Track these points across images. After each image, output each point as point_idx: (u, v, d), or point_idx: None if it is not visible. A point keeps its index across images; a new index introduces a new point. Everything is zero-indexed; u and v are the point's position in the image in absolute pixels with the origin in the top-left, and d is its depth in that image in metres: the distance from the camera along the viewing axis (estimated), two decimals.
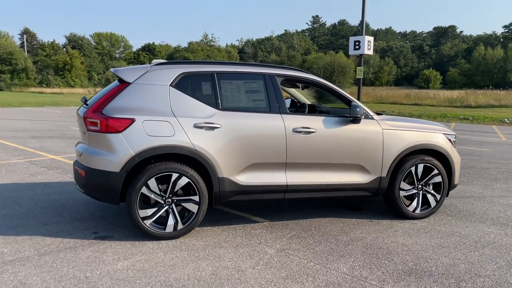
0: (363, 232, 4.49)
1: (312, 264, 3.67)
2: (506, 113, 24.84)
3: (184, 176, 4.09)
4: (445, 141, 5.00)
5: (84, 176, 4.07)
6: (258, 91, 4.54)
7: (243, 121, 4.29)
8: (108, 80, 56.75)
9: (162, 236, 4.11)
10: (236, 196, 4.34)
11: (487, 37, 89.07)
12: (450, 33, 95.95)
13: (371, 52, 14.56)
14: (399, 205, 4.83)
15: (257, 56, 76.46)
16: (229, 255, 3.82)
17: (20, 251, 3.81)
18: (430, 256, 3.88)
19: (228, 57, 71.69)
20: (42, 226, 4.46)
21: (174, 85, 4.22)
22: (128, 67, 4.55)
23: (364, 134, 4.65)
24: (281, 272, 3.49)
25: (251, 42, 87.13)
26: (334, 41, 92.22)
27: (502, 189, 6.54)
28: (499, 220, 4.97)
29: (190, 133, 4.09)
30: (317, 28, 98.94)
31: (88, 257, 3.70)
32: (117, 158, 3.93)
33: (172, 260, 3.69)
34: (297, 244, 4.13)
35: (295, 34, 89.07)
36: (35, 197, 5.57)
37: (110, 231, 4.35)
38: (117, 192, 4.00)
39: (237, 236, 4.31)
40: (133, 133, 3.96)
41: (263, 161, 4.35)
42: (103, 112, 4.00)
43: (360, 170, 4.68)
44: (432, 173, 4.91)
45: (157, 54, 79.55)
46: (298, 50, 78.34)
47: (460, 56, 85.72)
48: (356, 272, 3.53)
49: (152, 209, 4.08)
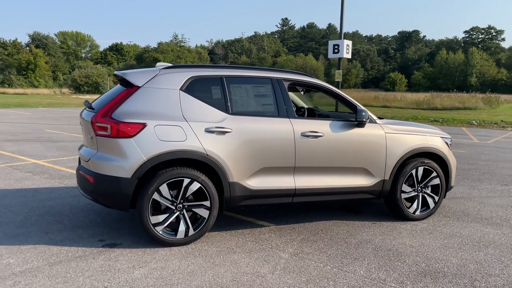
0: (369, 234, 4.57)
1: (329, 267, 3.70)
2: (471, 115, 25.86)
3: (196, 181, 4.04)
4: (442, 144, 5.16)
5: (93, 182, 3.95)
6: (266, 95, 4.54)
7: (253, 125, 4.28)
8: (75, 80, 55.33)
9: (173, 243, 4.05)
10: (246, 200, 4.33)
11: (449, 41, 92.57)
12: (414, 37, 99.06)
13: (349, 56, 14.82)
14: (401, 207, 4.95)
15: (228, 57, 76.44)
16: (244, 261, 3.80)
17: (28, 261, 3.65)
18: (439, 257, 4.00)
19: (199, 58, 71.26)
20: (44, 235, 4.30)
21: (184, 89, 4.17)
22: (134, 70, 4.46)
23: (369, 138, 4.73)
24: (301, 277, 3.50)
25: (221, 43, 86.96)
26: (303, 43, 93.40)
27: (488, 190, 6.80)
28: (493, 220, 5.17)
29: (201, 137, 4.05)
30: (287, 31, 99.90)
31: (101, 266, 3.59)
32: (129, 164, 3.84)
33: (189, 267, 3.64)
34: (309, 247, 4.16)
35: (265, 36, 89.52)
36: (27, 203, 5.36)
37: (117, 238, 4.24)
38: (128, 199, 3.91)
39: (248, 241, 4.30)
40: (145, 138, 3.88)
41: (272, 165, 4.35)
42: (113, 116, 3.90)
43: (364, 174, 4.76)
44: (431, 175, 5.06)
45: (125, 54, 78.21)
46: (268, 52, 78.81)
47: (424, 60, 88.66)
48: (373, 274, 3.59)
49: (164, 215, 4.01)
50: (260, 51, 78.55)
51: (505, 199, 6.27)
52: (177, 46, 73.57)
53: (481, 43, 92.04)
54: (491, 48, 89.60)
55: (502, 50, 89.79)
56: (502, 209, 5.68)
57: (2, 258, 3.70)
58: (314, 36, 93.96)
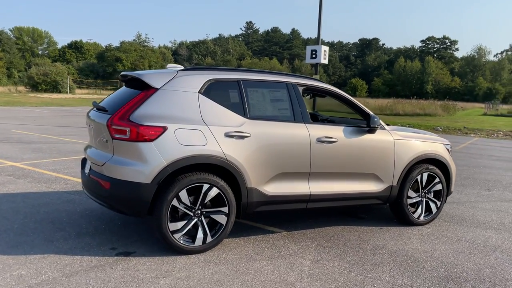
0: (381, 240, 4.61)
1: (354, 274, 3.70)
2: (432, 121, 26.87)
3: (215, 187, 3.93)
4: (444, 150, 5.30)
5: (109, 188, 3.76)
6: (282, 99, 4.50)
7: (271, 130, 4.23)
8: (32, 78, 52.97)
9: (191, 250, 3.92)
10: (262, 206, 4.26)
11: (406, 50, 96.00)
12: (374, 45, 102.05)
13: (326, 61, 15.04)
14: (406, 212, 5.03)
15: (192, 58, 75.71)
16: (268, 268, 3.73)
17: (41, 272, 3.42)
18: (454, 261, 4.08)
19: (163, 58, 70.18)
20: (50, 243, 4.04)
21: (202, 92, 4.05)
22: (150, 71, 4.29)
23: (379, 144, 4.79)
24: (329, 284, 3.47)
25: (185, 44, 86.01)
26: (267, 47, 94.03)
27: (474, 195, 7.05)
28: (490, 224, 5.36)
29: (221, 142, 3.95)
30: (251, 34, 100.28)
31: (122, 276, 3.42)
32: (149, 169, 3.68)
33: (214, 275, 3.53)
34: (327, 254, 4.14)
35: (230, 39, 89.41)
36: (19, 209, 5.04)
37: (129, 246, 4.06)
38: (146, 205, 3.75)
39: (264, 247, 4.23)
40: (166, 142, 3.74)
41: (289, 170, 4.31)
42: (131, 119, 3.73)
43: (374, 179, 4.80)
44: (434, 181, 5.18)
45: (85, 52, 75.81)
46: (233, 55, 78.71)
47: (383, 67, 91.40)
48: (398, 280, 3.61)
49: (182, 222, 3.88)
50: (225, 54, 78.34)
51: (492, 203, 6.52)
52: (140, 46, 72.11)
53: (436, 52, 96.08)
54: (446, 58, 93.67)
55: (455, 59, 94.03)
56: (494, 213, 5.90)
57: (11, 269, 3.44)
58: (278, 41, 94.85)
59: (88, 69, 67.63)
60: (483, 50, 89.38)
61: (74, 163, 8.01)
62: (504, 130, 21.17)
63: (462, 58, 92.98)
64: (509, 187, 7.88)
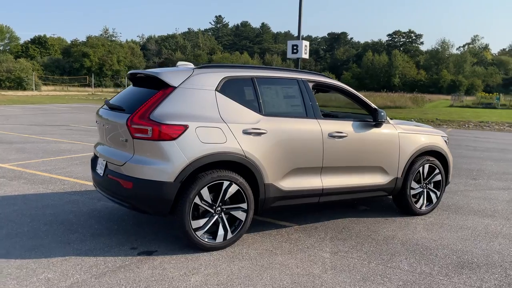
0: (389, 230, 4.77)
1: (374, 264, 3.83)
2: (403, 113, 27.59)
3: (234, 183, 3.97)
4: (443, 142, 5.52)
5: (131, 187, 3.73)
6: (294, 96, 4.57)
7: (286, 126, 4.29)
8: None
9: (213, 247, 3.95)
10: (277, 202, 4.33)
11: (374, 44, 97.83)
12: (342, 39, 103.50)
13: (307, 56, 15.20)
14: (410, 202, 5.22)
15: (161, 53, 74.55)
16: (291, 262, 3.81)
17: (68, 275, 3.38)
18: (462, 248, 4.28)
19: (132, 53, 68.76)
20: (67, 245, 3.98)
21: (219, 89, 4.07)
22: (166, 69, 4.26)
23: (385, 138, 4.94)
24: (354, 275, 3.58)
25: (154, 38, 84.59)
26: (237, 42, 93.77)
27: (462, 184, 7.36)
28: (485, 212, 5.63)
29: (240, 139, 3.98)
30: (221, 28, 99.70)
31: (152, 275, 3.42)
32: (172, 167, 3.68)
33: (241, 271, 3.58)
34: (343, 246, 4.26)
35: (199, 33, 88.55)
36: (24, 212, 4.91)
37: (148, 245, 4.05)
38: (169, 204, 3.75)
39: (281, 242, 4.30)
40: (188, 140, 3.74)
41: (303, 165, 4.39)
42: (152, 118, 3.71)
43: (380, 172, 4.96)
44: (434, 172, 5.39)
45: (50, 48, 73.33)
46: (203, 49, 78.06)
47: (352, 61, 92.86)
48: (417, 269, 3.76)
49: (204, 220, 3.90)
50: (195, 48, 77.59)
51: (482, 192, 6.83)
52: (108, 41, 70.35)
53: (402, 46, 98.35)
54: (411, 51, 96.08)
55: (421, 53, 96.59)
56: (486, 201, 6.19)
57: (36, 273, 3.38)
58: (248, 35, 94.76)
59: (53, 65, 65.45)
60: (446, 43, 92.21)
61: (65, 163, 7.83)
62: (474, 121, 22.01)
63: (427, 52, 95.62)
64: (492, 176, 8.25)
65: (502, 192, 6.84)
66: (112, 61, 64.81)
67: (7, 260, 3.61)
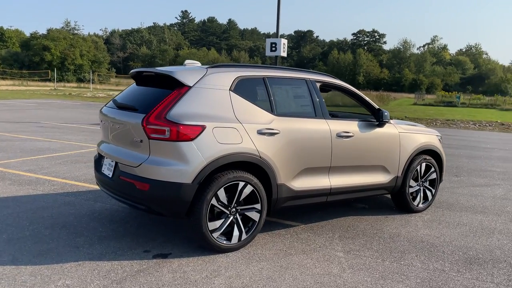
0: (392, 228, 4.88)
1: (388, 262, 3.90)
2: None
3: (249, 184, 3.95)
4: (438, 141, 5.69)
5: (149, 189, 3.63)
6: (303, 96, 4.58)
7: (297, 126, 4.30)
8: None
9: (229, 248, 3.91)
10: (288, 202, 4.34)
11: (339, 42, 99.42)
12: (308, 37, 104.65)
13: (285, 54, 15.26)
14: (408, 200, 5.36)
15: (126, 48, 72.81)
16: (308, 262, 3.83)
17: (86, 281, 3.26)
18: (465, 245, 4.44)
19: (95, 47, 66.74)
20: (76, 250, 3.83)
21: (233, 89, 4.02)
22: (179, 68, 4.16)
23: (388, 137, 5.04)
24: (373, 274, 3.65)
25: (118, 33, 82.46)
26: (204, 37, 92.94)
27: (447, 181, 7.59)
28: (476, 208, 5.86)
29: (255, 139, 3.96)
30: (187, 23, 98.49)
31: (174, 279, 3.35)
32: (190, 168, 3.61)
33: (262, 272, 3.56)
34: (353, 244, 4.32)
35: (165, 28, 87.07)
36: (20, 215, 4.69)
37: (161, 248, 3.96)
38: (187, 205, 3.68)
39: (293, 241, 4.32)
40: (205, 140, 3.68)
41: (313, 165, 4.42)
42: (168, 118, 3.62)
43: (383, 171, 5.06)
44: (430, 170, 5.55)
45: (7, 40, 70.09)
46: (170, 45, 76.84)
47: (318, 59, 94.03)
48: (430, 265, 3.87)
49: (220, 221, 3.85)
50: (161, 43, 76.24)
51: (467, 188, 7.10)
52: (70, 34, 67.91)
53: (366, 45, 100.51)
54: (375, 50, 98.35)
55: (384, 52, 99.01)
56: (474, 198, 6.44)
57: (53, 280, 3.24)
58: (215, 31, 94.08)
59: (11, 58, 62.54)
60: (408, 43, 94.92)
61: (47, 163, 7.53)
62: (440, 119, 22.83)
63: (390, 51, 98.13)
64: (472, 172, 8.59)
65: (485, 189, 7.13)
66: (74, 55, 62.59)
67: (17, 267, 3.44)
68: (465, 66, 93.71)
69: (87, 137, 11.16)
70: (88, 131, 12.51)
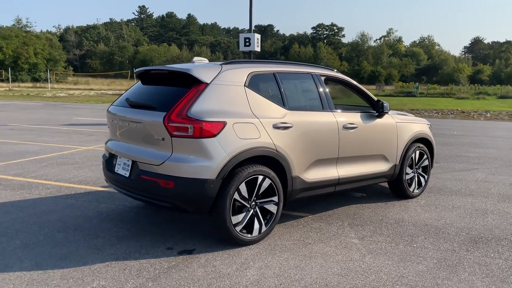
0: (395, 213, 5.10)
1: (402, 246, 4.11)
2: None
3: (268, 177, 4.04)
4: (429, 130, 5.99)
5: (173, 187, 3.64)
6: (311, 90, 4.70)
7: (308, 119, 4.43)
8: None
9: (251, 241, 3.99)
10: (301, 193, 4.46)
11: (300, 36, 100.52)
12: (269, 31, 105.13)
13: (259, 49, 15.35)
14: (405, 187, 5.62)
15: (83, 45, 70.48)
16: (329, 250, 3.97)
17: (121, 281, 3.25)
18: (466, 226, 4.72)
19: (50, 45, 64.13)
20: (98, 251, 3.80)
21: (247, 85, 4.09)
22: (194, 65, 4.17)
23: (387, 127, 5.26)
24: (392, 258, 3.83)
25: (73, 29, 79.64)
26: (163, 33, 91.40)
27: None
28: (463, 192, 6.21)
29: (271, 134, 4.05)
30: (145, 19, 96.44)
31: (207, 273, 3.40)
32: (214, 164, 3.66)
33: (289, 262, 3.67)
34: (364, 231, 4.50)
35: (123, 23, 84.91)
36: (26, 220, 4.57)
37: (183, 245, 3.99)
38: (210, 201, 3.73)
39: (307, 231, 4.45)
40: (227, 136, 3.74)
41: (323, 157, 4.56)
42: (190, 115, 3.65)
43: (383, 159, 5.28)
44: (423, 158, 5.84)
45: None
46: (128, 41, 75.07)
47: (279, 53, 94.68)
48: (441, 246, 4.11)
49: (241, 215, 3.92)
50: (120, 39, 74.32)
51: (449, 174, 7.49)
52: (22, 32, 64.84)
53: (326, 38, 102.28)
54: (334, 43, 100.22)
55: (343, 45, 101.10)
56: (458, 182, 6.82)
57: (86, 283, 3.21)
58: (174, 26, 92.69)
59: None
60: (365, 36, 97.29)
61: (33, 166, 7.30)
62: (405, 108, 23.66)
63: (348, 44, 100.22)
64: (450, 158, 9.05)
65: (466, 173, 7.55)
66: (28, 54, 59.92)
67: (44, 272, 3.38)
68: (419, 57, 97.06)
69: (64, 138, 10.85)
70: (62, 132, 12.14)
